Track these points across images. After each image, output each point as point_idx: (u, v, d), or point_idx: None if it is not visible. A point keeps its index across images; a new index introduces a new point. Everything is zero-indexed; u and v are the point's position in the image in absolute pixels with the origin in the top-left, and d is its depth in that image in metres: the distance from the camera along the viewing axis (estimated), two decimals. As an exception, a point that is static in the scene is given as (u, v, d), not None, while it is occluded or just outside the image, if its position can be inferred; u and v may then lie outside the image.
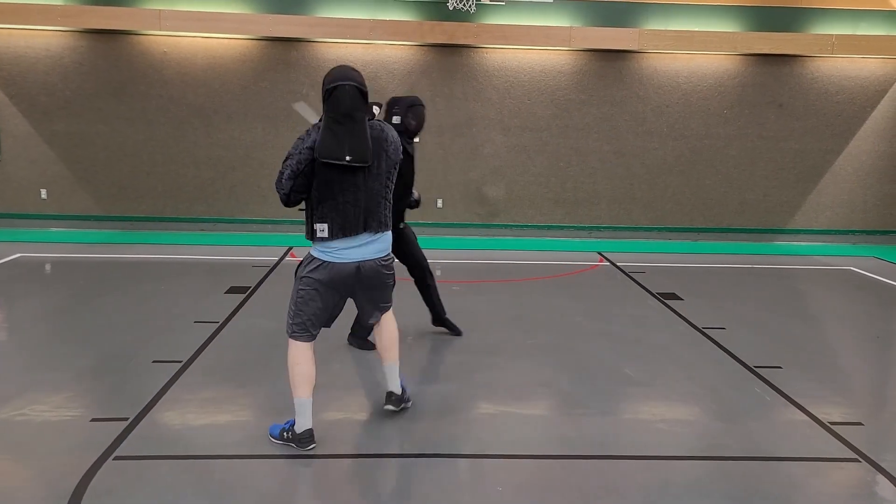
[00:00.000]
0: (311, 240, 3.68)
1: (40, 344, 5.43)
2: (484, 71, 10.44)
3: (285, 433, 3.85)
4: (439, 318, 5.85)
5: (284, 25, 9.85)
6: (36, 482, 3.43)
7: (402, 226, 5.52)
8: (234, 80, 10.29)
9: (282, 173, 3.58)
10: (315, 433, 3.83)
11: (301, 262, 3.81)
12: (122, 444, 3.77)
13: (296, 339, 3.80)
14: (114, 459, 3.61)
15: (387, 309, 4.09)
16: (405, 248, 5.58)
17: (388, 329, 4.13)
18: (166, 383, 4.62)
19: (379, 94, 10.47)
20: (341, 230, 3.62)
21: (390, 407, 4.18)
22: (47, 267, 8.25)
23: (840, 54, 10.34)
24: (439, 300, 5.82)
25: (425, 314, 6.48)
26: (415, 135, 5.53)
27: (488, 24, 10.03)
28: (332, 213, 3.60)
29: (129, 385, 4.62)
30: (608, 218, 10.88)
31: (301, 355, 3.80)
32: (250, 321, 6.08)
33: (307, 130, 3.61)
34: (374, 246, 3.75)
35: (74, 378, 4.72)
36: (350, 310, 4.20)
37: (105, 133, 10.27)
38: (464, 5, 9.59)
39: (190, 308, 6.41)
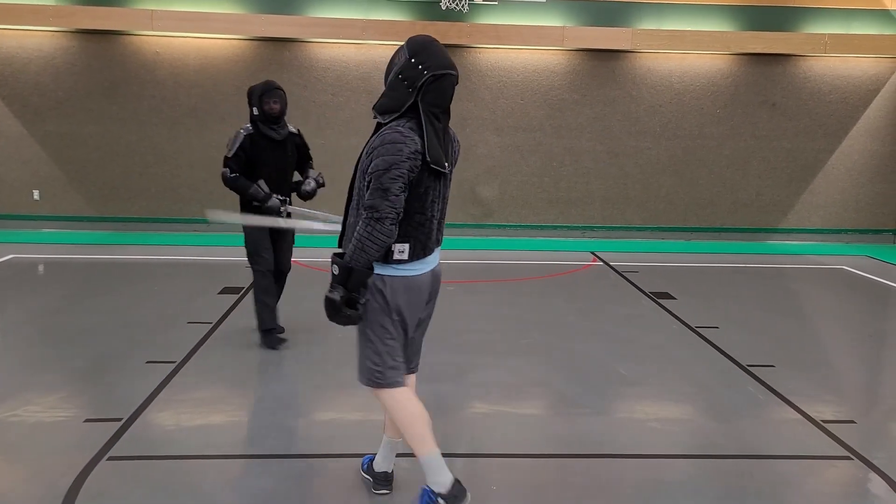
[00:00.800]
0: (383, 262, 2.92)
1: (33, 345, 5.41)
2: (477, 71, 10.45)
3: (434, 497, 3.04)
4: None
5: (277, 25, 9.84)
6: (30, 483, 3.41)
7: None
8: (226, 81, 10.26)
9: (386, 190, 2.74)
10: (310, 432, 3.80)
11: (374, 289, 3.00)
12: (115, 445, 3.76)
13: (388, 387, 3.05)
14: (108, 460, 3.60)
15: (417, 364, 3.38)
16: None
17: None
18: (160, 384, 4.61)
19: (372, 95, 10.49)
20: (422, 250, 2.97)
21: (386, 491, 3.35)
22: (40, 268, 8.23)
23: (833, 53, 10.39)
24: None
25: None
26: (279, 118, 5.33)
27: (481, 23, 10.04)
28: (417, 231, 2.92)
29: (123, 386, 4.60)
30: (601, 218, 10.90)
31: (408, 400, 3.08)
32: (244, 322, 6.07)
33: (395, 130, 2.81)
34: (437, 253, 3.14)
35: (68, 379, 4.70)
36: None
37: (97, 134, 10.23)
38: (456, 5, 9.60)
39: (183, 308, 6.40)
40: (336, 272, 2.89)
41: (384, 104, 2.90)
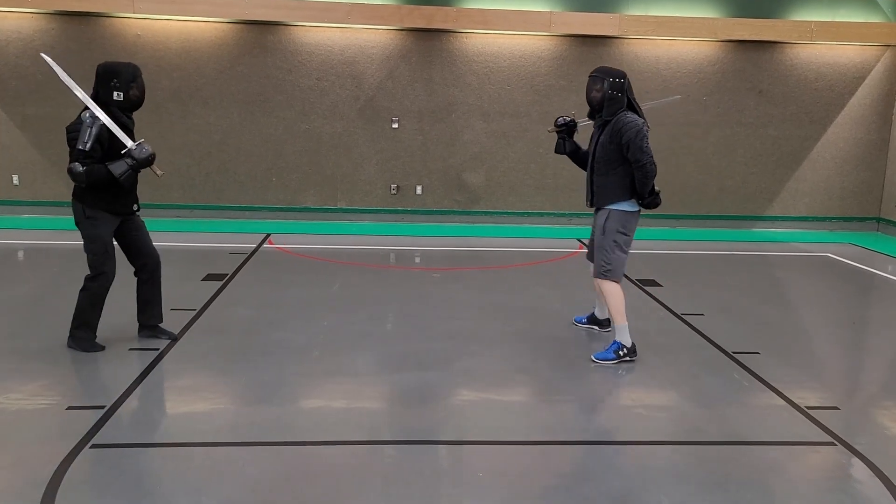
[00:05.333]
0: (637, 199, 4.90)
1: (14, 332, 5.33)
2: (463, 56, 10.38)
3: (621, 352, 4.91)
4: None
5: (260, 8, 9.71)
6: (12, 471, 3.37)
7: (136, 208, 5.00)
8: (209, 65, 10.14)
9: (641, 148, 4.76)
10: (295, 419, 3.80)
11: (609, 219, 4.89)
12: (99, 432, 3.72)
13: (616, 279, 4.93)
14: (91, 448, 3.57)
15: None
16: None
17: None
18: (143, 371, 4.57)
19: (357, 80, 10.42)
20: None
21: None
22: (20, 254, 8.12)
23: (819, 41, 10.40)
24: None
25: (407, 301, 6.49)
26: (139, 107, 4.89)
27: (467, 8, 9.96)
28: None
29: (106, 373, 4.56)
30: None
31: (621, 290, 4.97)
32: (228, 308, 6.03)
33: (627, 117, 4.87)
34: None
35: (50, 366, 4.64)
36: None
37: (79, 117, 10.07)
38: (444, -11, 9.52)
39: (167, 295, 6.26)
40: (647, 202, 4.91)
41: (611, 110, 4.95)
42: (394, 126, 10.46)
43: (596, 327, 5.67)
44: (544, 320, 5.98)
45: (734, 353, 5.26)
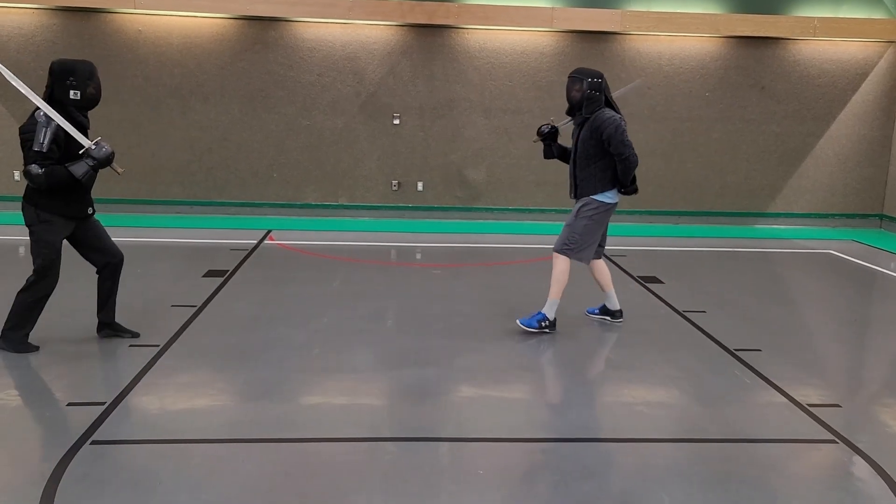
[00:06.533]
0: (616, 189, 5.31)
1: (14, 328, 5.32)
2: (465, 52, 10.35)
3: (544, 323, 5.32)
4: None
5: (262, 4, 9.68)
6: (12, 467, 3.37)
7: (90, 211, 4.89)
8: (210, 60, 10.12)
9: (623, 141, 5.12)
10: (296, 416, 3.79)
11: (586, 205, 5.29)
12: (99, 429, 3.72)
13: (573, 258, 5.30)
14: (91, 444, 3.56)
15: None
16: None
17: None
18: (143, 367, 4.56)
19: (358, 76, 10.39)
20: None
21: (622, 320, 5.74)
22: (21, 250, 8.11)
23: (822, 37, 10.36)
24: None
25: (408, 297, 6.48)
26: (95, 105, 4.80)
27: (469, 4, 9.93)
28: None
29: (106, 369, 4.56)
30: (589, 201, 10.84)
31: (569, 270, 5.33)
32: (228, 305, 6.02)
33: (607, 113, 5.28)
34: None
35: (50, 362, 4.64)
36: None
37: (80, 113, 10.06)
38: (445, -15, 9.48)
39: (167, 292, 6.33)
40: (627, 190, 5.33)
41: (590, 108, 5.35)
42: (395, 122, 10.44)
43: (608, 318, 5.77)
44: (545, 317, 5.96)
45: (736, 350, 5.25)
